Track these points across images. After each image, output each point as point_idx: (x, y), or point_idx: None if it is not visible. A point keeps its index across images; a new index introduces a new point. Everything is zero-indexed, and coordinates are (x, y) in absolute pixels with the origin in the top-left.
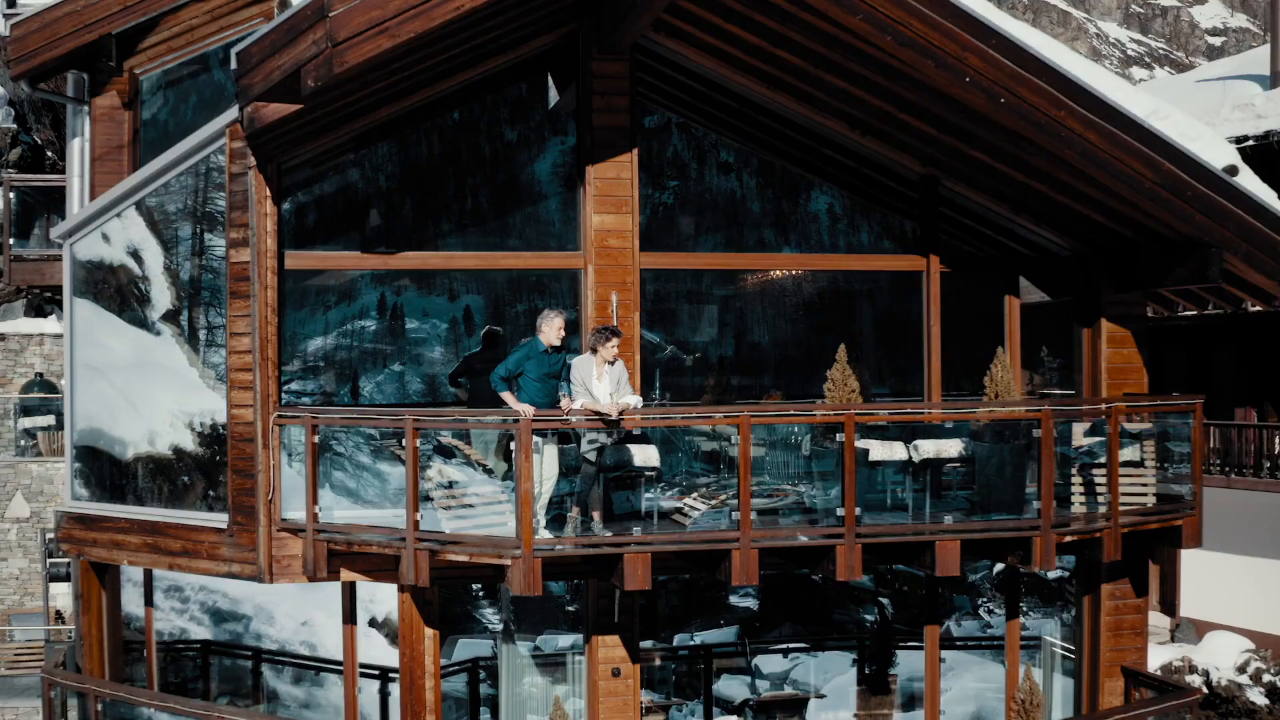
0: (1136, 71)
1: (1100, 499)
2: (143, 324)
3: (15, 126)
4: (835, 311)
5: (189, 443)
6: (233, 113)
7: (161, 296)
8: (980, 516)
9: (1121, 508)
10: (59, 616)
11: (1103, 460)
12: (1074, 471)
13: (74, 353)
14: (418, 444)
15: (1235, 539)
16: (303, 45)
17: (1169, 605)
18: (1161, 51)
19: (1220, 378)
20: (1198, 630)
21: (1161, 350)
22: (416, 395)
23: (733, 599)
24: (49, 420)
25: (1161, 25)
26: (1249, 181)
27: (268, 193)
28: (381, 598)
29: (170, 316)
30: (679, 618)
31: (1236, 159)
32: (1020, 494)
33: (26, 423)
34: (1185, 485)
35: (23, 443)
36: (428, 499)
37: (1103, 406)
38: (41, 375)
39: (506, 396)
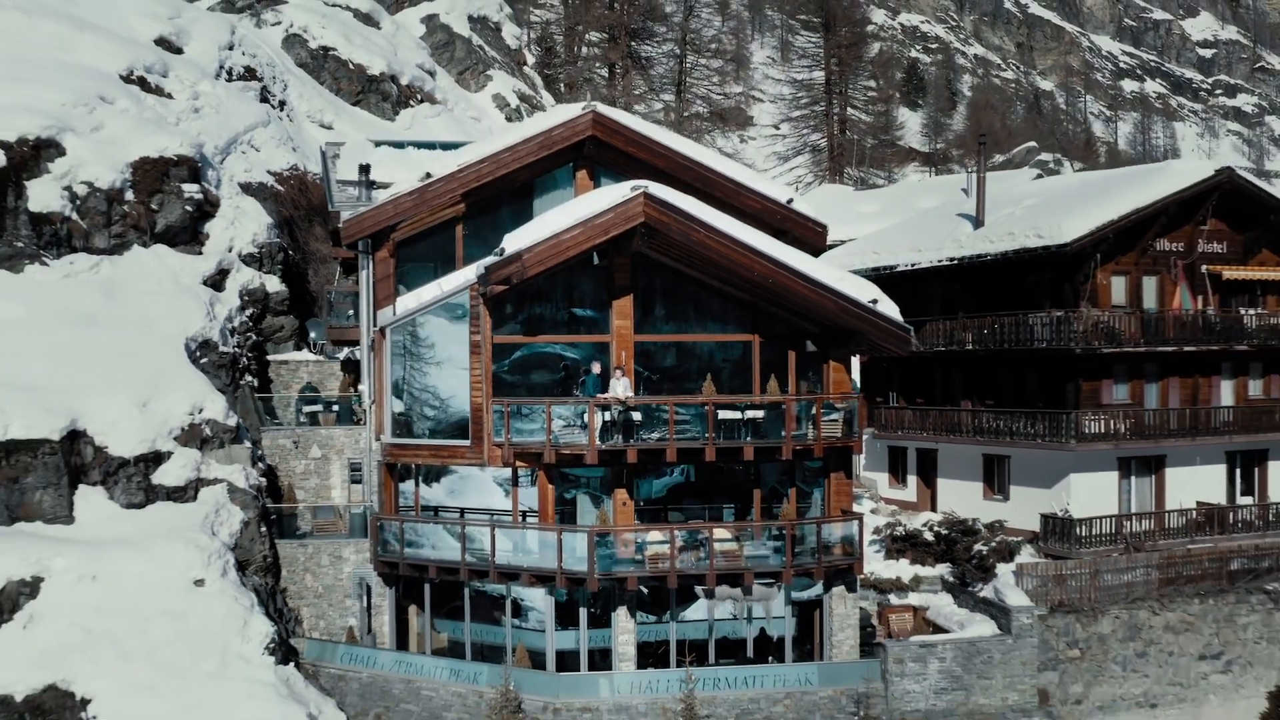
0: (1128, 84)
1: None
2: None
3: (277, 240)
4: (722, 355)
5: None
6: (468, 278)
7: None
8: (764, 439)
9: (825, 436)
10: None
11: (825, 418)
12: (810, 423)
13: (386, 378)
14: (552, 410)
15: (954, 471)
16: (510, 268)
17: (935, 508)
18: (1153, 64)
19: (955, 383)
20: None
21: (928, 370)
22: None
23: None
24: (319, 408)
25: (1153, 38)
26: (885, 306)
27: (487, 313)
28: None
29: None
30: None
31: (879, 294)
32: (781, 430)
33: (306, 409)
34: (858, 429)
35: (302, 419)
36: (552, 430)
37: (817, 398)
38: (309, 383)
39: (600, 396)
